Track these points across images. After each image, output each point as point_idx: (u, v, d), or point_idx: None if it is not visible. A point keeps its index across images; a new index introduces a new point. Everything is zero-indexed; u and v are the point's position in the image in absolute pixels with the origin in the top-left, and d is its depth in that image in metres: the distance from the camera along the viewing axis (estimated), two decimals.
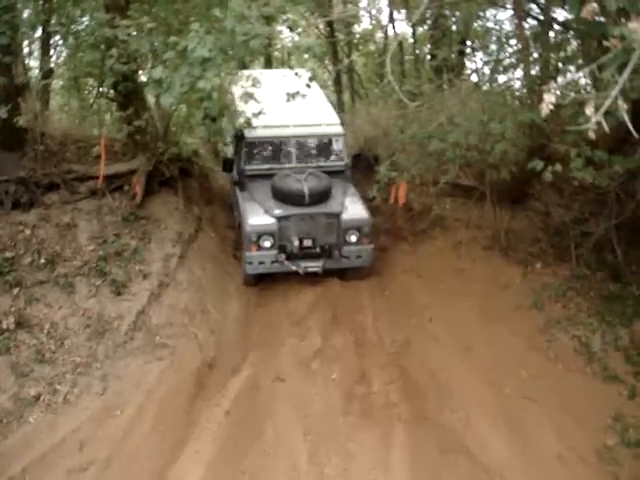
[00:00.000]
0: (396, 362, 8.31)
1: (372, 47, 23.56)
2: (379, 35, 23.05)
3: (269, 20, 7.25)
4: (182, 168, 11.46)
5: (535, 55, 8.90)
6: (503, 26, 10.15)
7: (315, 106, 11.52)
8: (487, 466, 6.50)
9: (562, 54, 9.24)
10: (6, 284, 8.91)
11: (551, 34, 8.96)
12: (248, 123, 10.11)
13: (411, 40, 21.79)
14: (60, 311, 8.95)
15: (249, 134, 10.70)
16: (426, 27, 17.91)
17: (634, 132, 3.88)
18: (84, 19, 10.58)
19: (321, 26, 22.49)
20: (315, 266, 9.90)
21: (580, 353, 8.52)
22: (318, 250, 9.98)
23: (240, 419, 7.24)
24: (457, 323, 9.04)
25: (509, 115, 7.91)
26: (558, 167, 7.12)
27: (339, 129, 11.29)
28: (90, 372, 8.28)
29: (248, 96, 7.43)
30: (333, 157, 11.21)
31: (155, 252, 10.19)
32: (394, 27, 20.36)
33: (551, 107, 3.69)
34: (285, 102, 10.17)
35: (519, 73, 9.34)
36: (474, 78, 12.25)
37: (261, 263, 9.86)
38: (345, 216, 10.00)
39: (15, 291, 8.91)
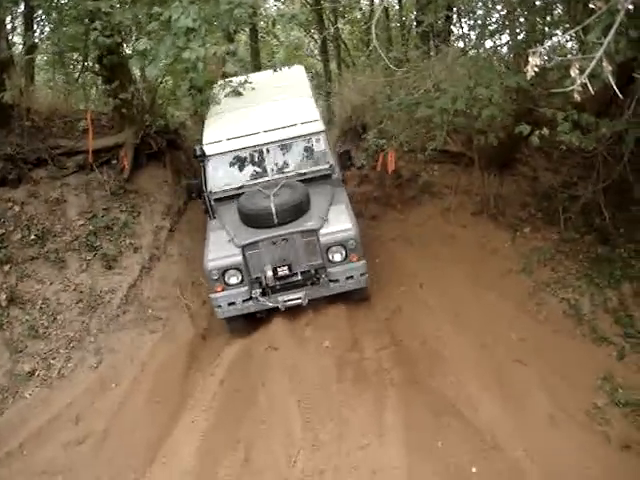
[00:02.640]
0: (387, 329, 8.35)
1: (358, 15, 23.39)
2: (365, 2, 22.92)
3: None
4: (169, 140, 11.44)
5: (521, 20, 8.84)
6: None
7: (289, 102, 9.86)
8: (479, 427, 6.54)
9: (548, 18, 9.20)
10: None
11: None
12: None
13: (397, 7, 21.75)
14: (52, 286, 9.04)
15: (211, 150, 9.13)
16: None
17: (619, 94, 3.90)
18: None
19: None
20: (296, 299, 8.33)
21: (569, 315, 8.65)
22: (299, 278, 8.45)
23: (234, 388, 7.30)
24: (447, 289, 9.09)
25: (495, 80, 7.88)
26: (545, 131, 7.15)
27: (318, 126, 9.27)
28: (84, 346, 8.41)
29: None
30: (316, 160, 9.25)
31: (145, 225, 10.25)
32: None
33: (536, 69, 3.70)
34: (263, 103, 9.73)
35: (506, 38, 9.29)
36: (461, 44, 12.19)
37: (231, 304, 8.25)
38: (324, 231, 8.30)
39: (6, 268, 8.98)
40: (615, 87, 3.79)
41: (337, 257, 8.34)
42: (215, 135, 9.30)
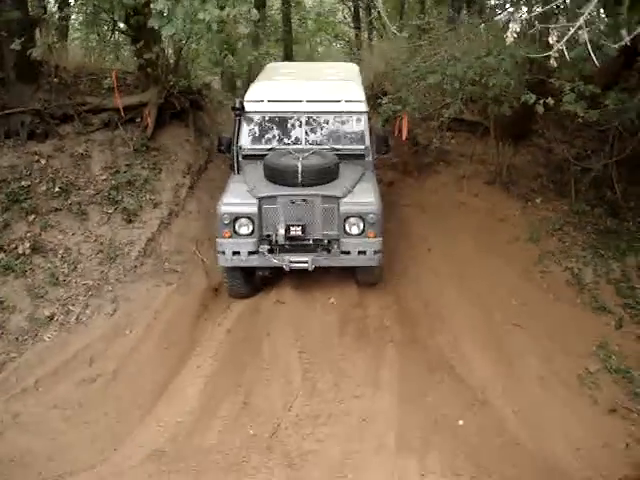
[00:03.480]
0: (392, 290, 8.60)
1: None
2: None
3: None
4: (192, 101, 11.67)
5: None
6: None
7: (338, 82, 9.80)
8: (470, 384, 6.87)
9: None
10: (22, 211, 9.34)
11: None
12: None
13: None
14: (73, 237, 9.39)
15: (250, 107, 9.07)
16: None
17: (595, 60, 4.07)
18: None
19: None
20: (302, 262, 8.08)
21: (572, 284, 8.90)
22: (310, 242, 8.18)
23: (240, 337, 7.62)
24: (454, 254, 9.35)
25: (505, 49, 8.01)
26: (550, 100, 7.33)
27: (361, 106, 9.12)
28: (101, 294, 8.75)
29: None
30: (352, 139, 9.06)
31: (165, 182, 10.55)
32: None
33: (515, 35, 3.92)
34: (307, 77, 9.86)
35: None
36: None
37: (235, 254, 8.09)
38: (346, 200, 8.11)
39: (31, 218, 9.34)
40: (592, 54, 4.00)
41: (354, 229, 8.07)
42: (258, 94, 9.24)
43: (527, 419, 6.47)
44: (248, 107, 9.05)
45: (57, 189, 9.79)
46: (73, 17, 14.37)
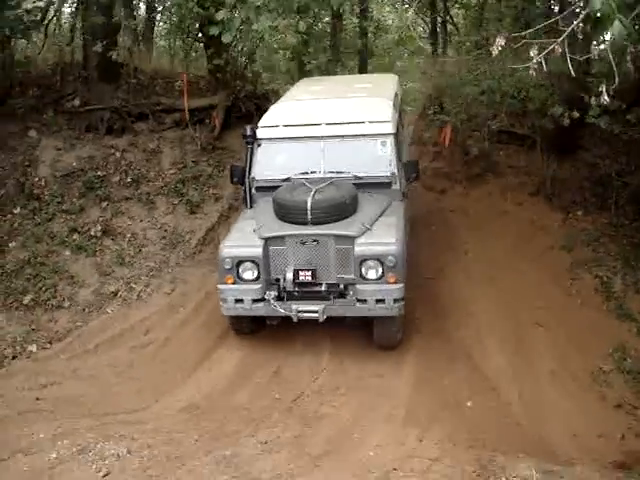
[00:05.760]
0: (426, 286, 9.11)
1: None
2: None
3: None
4: (258, 105, 12.48)
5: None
6: None
7: (363, 100, 8.79)
8: (485, 372, 7.42)
9: None
10: (97, 198, 10.41)
11: None
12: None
13: None
14: (141, 223, 10.36)
15: (263, 133, 8.31)
16: None
17: (572, 71, 4.59)
18: None
19: None
20: (312, 311, 7.21)
21: (600, 292, 9.29)
22: (323, 288, 7.24)
23: (279, 324, 8.09)
24: (490, 257, 9.83)
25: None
26: (575, 114, 7.84)
27: (387, 127, 8.06)
28: (161, 275, 9.63)
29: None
30: (377, 165, 8.01)
31: (228, 179, 11.36)
32: None
33: (500, 48, 4.50)
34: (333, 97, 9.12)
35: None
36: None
37: (239, 302, 7.32)
38: (361, 240, 7.16)
39: (104, 204, 10.38)
40: (571, 70, 4.54)
41: (371, 274, 7.14)
42: (272, 119, 8.47)
43: (532, 406, 6.98)
44: (260, 133, 8.35)
45: (129, 180, 10.82)
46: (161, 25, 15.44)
